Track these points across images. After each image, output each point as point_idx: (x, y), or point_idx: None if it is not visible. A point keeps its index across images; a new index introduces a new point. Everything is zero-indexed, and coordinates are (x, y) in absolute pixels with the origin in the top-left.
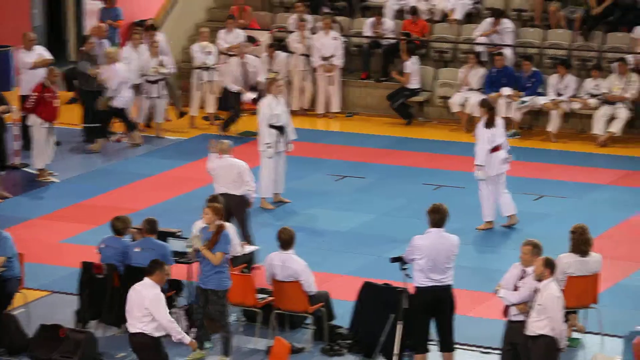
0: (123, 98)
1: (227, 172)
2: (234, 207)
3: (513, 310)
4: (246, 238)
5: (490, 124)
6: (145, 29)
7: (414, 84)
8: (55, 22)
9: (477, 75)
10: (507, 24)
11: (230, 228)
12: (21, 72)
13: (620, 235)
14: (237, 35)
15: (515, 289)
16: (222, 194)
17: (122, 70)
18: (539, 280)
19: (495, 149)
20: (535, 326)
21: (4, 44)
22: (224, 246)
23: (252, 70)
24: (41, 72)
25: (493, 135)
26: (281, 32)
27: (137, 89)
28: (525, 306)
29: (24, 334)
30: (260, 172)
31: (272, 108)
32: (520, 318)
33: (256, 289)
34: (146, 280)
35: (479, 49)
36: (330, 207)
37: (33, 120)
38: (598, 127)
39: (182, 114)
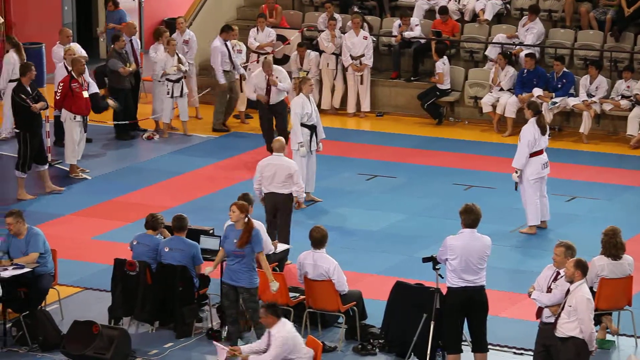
0: None
1: (279, 170)
2: (281, 205)
3: (546, 312)
4: (285, 237)
5: (542, 128)
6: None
7: (444, 84)
8: (85, 19)
9: (507, 75)
10: (537, 23)
11: (259, 225)
12: (56, 67)
13: None
14: (269, 34)
15: (549, 290)
16: (269, 193)
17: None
18: (570, 281)
19: (536, 153)
20: (565, 328)
21: (35, 40)
22: (260, 245)
23: (274, 78)
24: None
25: (537, 140)
26: (311, 31)
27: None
28: (559, 308)
29: (57, 330)
30: None
31: (304, 107)
32: (553, 320)
33: (288, 287)
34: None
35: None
36: (361, 207)
37: (65, 115)
38: (630, 129)
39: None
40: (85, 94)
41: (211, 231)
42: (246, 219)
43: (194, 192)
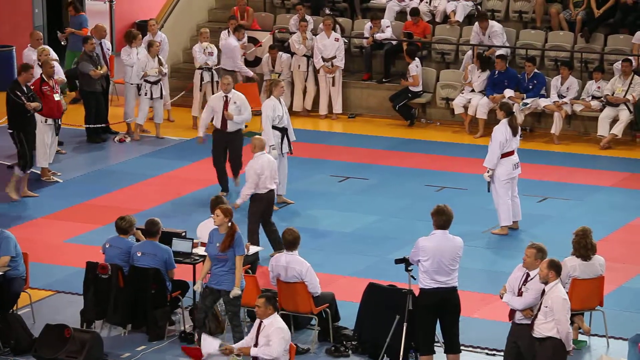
0: None
1: (273, 168)
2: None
3: (518, 315)
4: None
5: (513, 129)
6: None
7: (418, 86)
8: (56, 23)
9: (480, 77)
10: (495, 27)
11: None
12: None
13: (623, 238)
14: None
15: (520, 292)
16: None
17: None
18: (545, 282)
19: (508, 153)
20: (542, 328)
21: (5, 44)
22: (241, 248)
23: (235, 106)
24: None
25: (508, 141)
26: (282, 33)
27: (137, 89)
28: (530, 311)
29: (29, 333)
30: None
31: (276, 109)
32: (525, 321)
33: (261, 289)
34: None
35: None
36: (333, 208)
37: (36, 118)
38: (601, 129)
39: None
40: (57, 97)
41: (183, 234)
42: (229, 222)
43: (166, 195)
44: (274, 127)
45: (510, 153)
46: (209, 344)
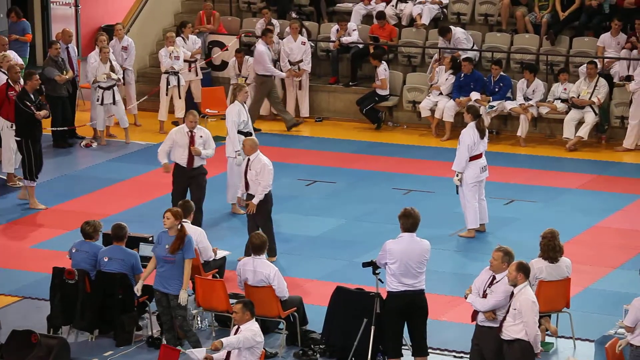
0: None
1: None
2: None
3: (481, 316)
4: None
5: (481, 132)
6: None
7: (386, 89)
8: None
9: (447, 80)
10: (458, 34)
11: (196, 233)
12: None
13: (590, 240)
14: (194, 41)
15: (485, 294)
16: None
17: None
18: (514, 285)
19: (475, 156)
20: (511, 330)
21: None
22: (191, 252)
23: (201, 140)
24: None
25: (476, 144)
26: (249, 37)
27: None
28: (492, 314)
29: None
30: (228, 179)
31: (240, 114)
32: (487, 324)
33: (228, 294)
34: None
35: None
36: (300, 212)
37: (1, 123)
38: (567, 132)
39: (292, 125)
40: None
41: (150, 239)
42: (179, 225)
43: (133, 200)
44: (239, 132)
45: (478, 156)
46: (196, 355)
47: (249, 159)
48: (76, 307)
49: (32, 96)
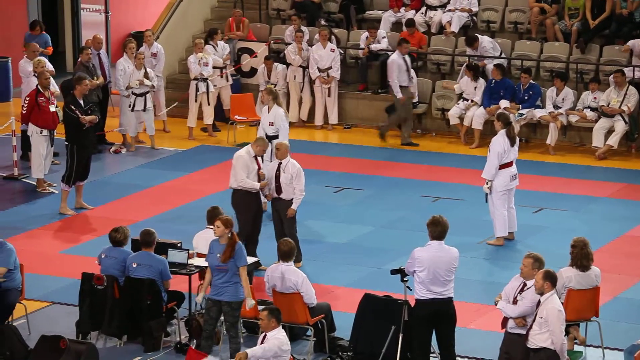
0: None
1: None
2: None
3: (511, 323)
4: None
5: (511, 139)
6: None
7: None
8: (52, 33)
9: (475, 87)
10: (484, 42)
11: None
12: (23, 81)
13: (619, 249)
14: (223, 47)
15: (515, 301)
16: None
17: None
18: (540, 293)
19: (506, 165)
20: (537, 339)
21: (1, 55)
22: (244, 259)
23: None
24: None
25: (506, 152)
26: (278, 43)
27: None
28: (523, 320)
29: (24, 345)
30: None
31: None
32: (517, 331)
33: (257, 300)
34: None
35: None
36: (329, 219)
37: (32, 129)
38: (596, 140)
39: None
40: (52, 108)
41: (179, 245)
42: (230, 233)
43: (161, 206)
44: (266, 136)
45: (509, 164)
46: None
47: (280, 163)
48: (105, 312)
49: (80, 101)
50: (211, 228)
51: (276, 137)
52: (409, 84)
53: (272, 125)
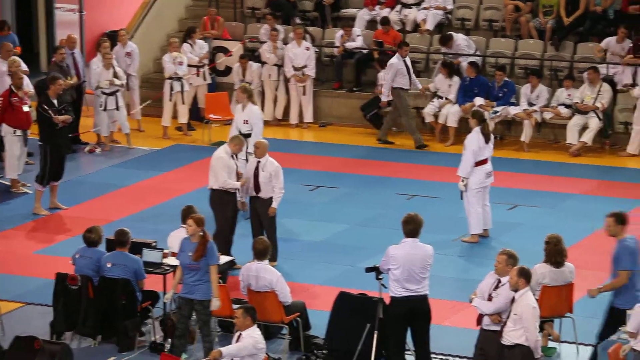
0: None
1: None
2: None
3: (486, 320)
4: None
5: (486, 136)
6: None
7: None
8: (26, 33)
9: (450, 85)
10: (459, 40)
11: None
12: None
13: (593, 245)
14: (201, 47)
15: (490, 298)
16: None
17: None
18: (515, 290)
19: (481, 162)
20: (511, 335)
21: None
22: (215, 258)
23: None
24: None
25: (481, 149)
26: (253, 42)
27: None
28: (498, 317)
29: None
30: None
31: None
32: (493, 327)
33: (231, 299)
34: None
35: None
36: (304, 217)
37: (5, 129)
38: (570, 137)
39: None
40: (25, 108)
41: (154, 244)
42: (202, 232)
43: (136, 205)
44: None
45: (484, 161)
46: None
47: (259, 162)
48: (79, 313)
49: (54, 101)
50: (184, 227)
51: (250, 135)
52: (410, 87)
53: (247, 123)
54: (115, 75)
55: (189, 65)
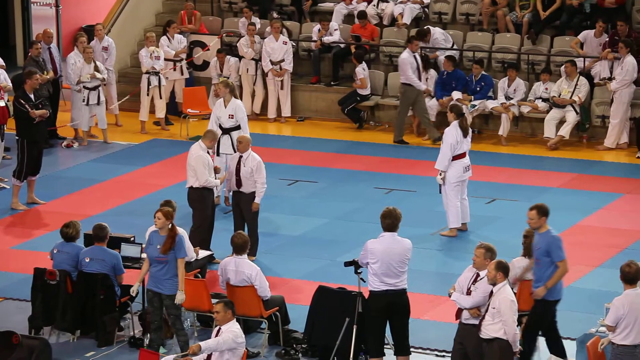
0: None
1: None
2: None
3: (465, 314)
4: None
5: (464, 130)
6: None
7: (366, 89)
8: (2, 27)
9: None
10: (436, 34)
11: (182, 233)
12: None
13: (571, 239)
14: (180, 40)
15: (469, 292)
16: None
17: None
18: (493, 284)
19: (459, 156)
20: (490, 329)
21: None
22: (184, 251)
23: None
24: None
25: (459, 143)
26: (230, 36)
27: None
28: (477, 311)
29: None
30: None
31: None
32: (472, 321)
33: (210, 293)
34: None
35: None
36: (283, 212)
37: None
38: (548, 131)
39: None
40: (1, 103)
41: (132, 239)
42: (170, 225)
43: (114, 200)
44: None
45: (462, 155)
46: None
47: (241, 156)
48: (58, 307)
49: (31, 96)
50: None
51: (235, 129)
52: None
53: (232, 117)
54: (97, 69)
55: (166, 60)
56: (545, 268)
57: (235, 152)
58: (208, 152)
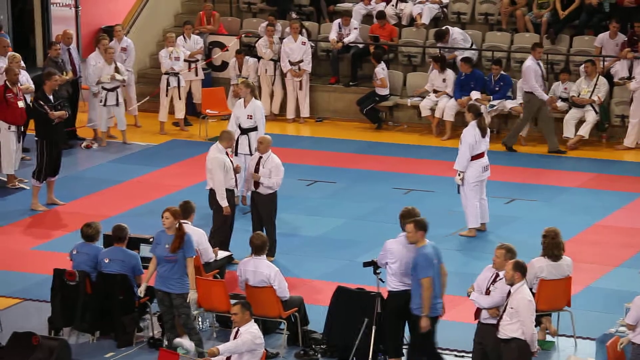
0: None
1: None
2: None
3: (484, 314)
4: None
5: (482, 130)
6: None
7: (383, 88)
8: (21, 28)
9: (444, 79)
10: (455, 34)
11: (197, 234)
12: None
13: (590, 238)
14: (196, 41)
15: (487, 292)
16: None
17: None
18: (510, 284)
19: (478, 156)
20: (508, 329)
21: None
22: (192, 250)
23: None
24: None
25: (478, 143)
26: (249, 37)
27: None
28: (497, 310)
29: None
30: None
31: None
32: (491, 321)
33: (229, 294)
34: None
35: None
36: (301, 212)
37: (0, 125)
38: (567, 130)
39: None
40: (21, 104)
41: (151, 239)
42: (178, 224)
43: (133, 201)
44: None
45: (480, 155)
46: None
47: (260, 157)
48: (77, 308)
49: (50, 97)
50: (185, 223)
51: (253, 129)
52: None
53: (251, 118)
54: (117, 70)
55: (186, 60)
56: (417, 286)
57: (251, 152)
58: (227, 153)
